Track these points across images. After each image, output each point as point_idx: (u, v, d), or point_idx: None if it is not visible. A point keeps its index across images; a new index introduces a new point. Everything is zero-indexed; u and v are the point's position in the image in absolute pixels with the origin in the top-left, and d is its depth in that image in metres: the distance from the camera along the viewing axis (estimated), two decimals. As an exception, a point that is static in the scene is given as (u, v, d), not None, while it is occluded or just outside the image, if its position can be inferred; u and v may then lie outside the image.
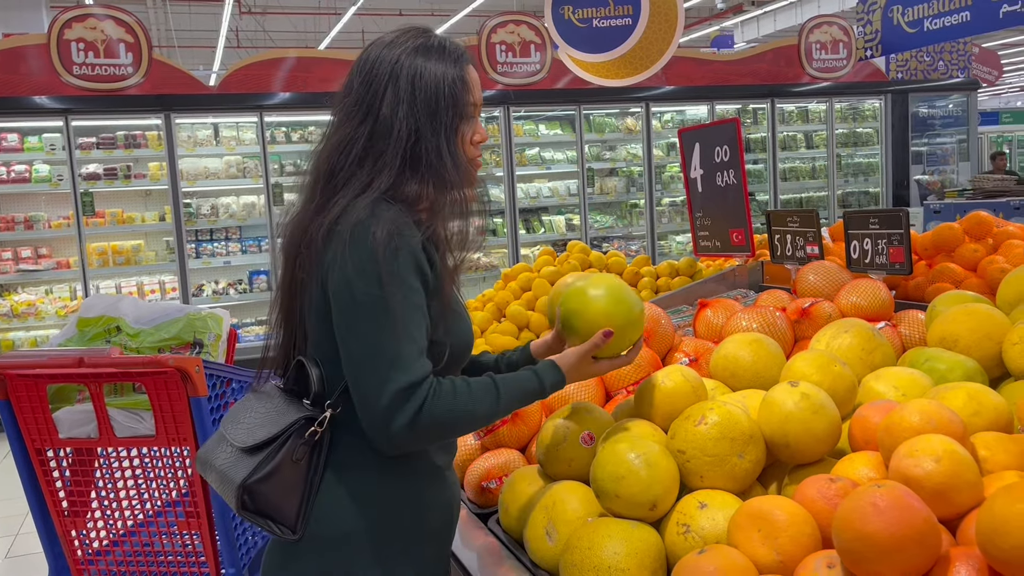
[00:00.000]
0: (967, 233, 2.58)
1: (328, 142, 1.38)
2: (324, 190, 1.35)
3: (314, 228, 1.31)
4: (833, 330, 1.73)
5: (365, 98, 1.34)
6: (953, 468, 1.08)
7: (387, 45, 1.37)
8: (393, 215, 1.28)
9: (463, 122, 1.38)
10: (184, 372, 2.36)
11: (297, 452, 1.29)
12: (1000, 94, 23.83)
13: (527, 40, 7.54)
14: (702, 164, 3.15)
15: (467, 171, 1.40)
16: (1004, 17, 6.24)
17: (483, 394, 1.31)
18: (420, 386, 1.23)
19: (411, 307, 1.26)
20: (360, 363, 1.25)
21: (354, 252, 1.25)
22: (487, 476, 1.76)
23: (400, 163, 1.32)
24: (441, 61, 1.36)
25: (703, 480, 1.35)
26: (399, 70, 1.33)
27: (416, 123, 1.32)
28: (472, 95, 1.39)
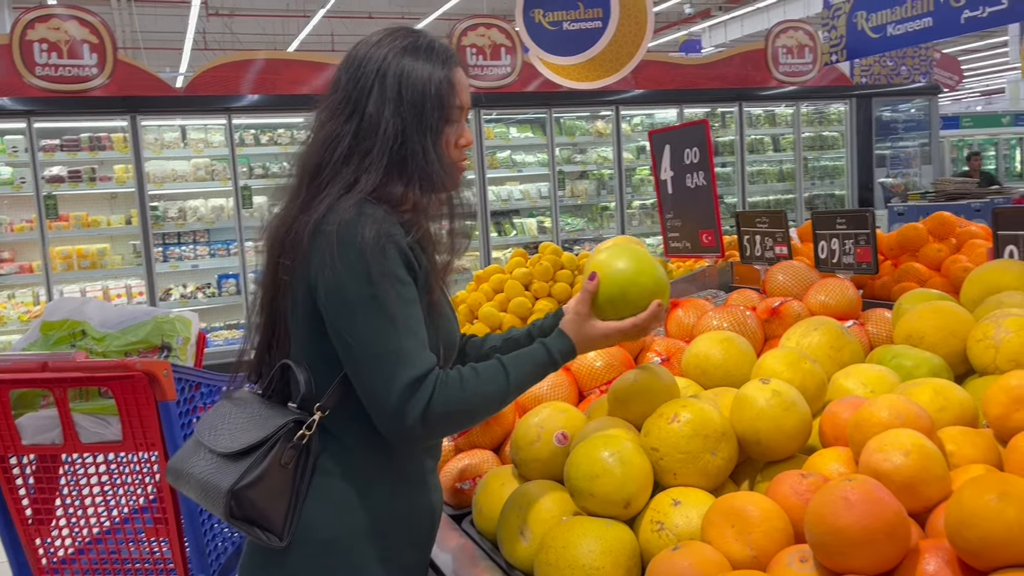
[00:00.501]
0: (931, 233, 2.63)
1: (314, 139, 1.37)
2: (309, 187, 1.34)
3: (299, 226, 1.30)
4: (803, 328, 1.75)
5: (352, 96, 1.33)
6: (922, 462, 1.09)
7: (375, 44, 1.36)
8: (380, 215, 1.27)
9: (448, 125, 1.37)
10: (152, 376, 2.33)
11: (285, 456, 1.27)
12: (961, 99, 24.33)
13: (497, 43, 7.55)
14: (672, 166, 3.17)
15: (453, 174, 1.39)
16: (965, 22, 6.37)
17: (491, 376, 1.30)
18: (427, 378, 1.23)
19: (406, 302, 1.25)
20: (364, 363, 1.24)
21: (343, 253, 1.24)
22: (461, 477, 1.75)
23: (387, 163, 1.31)
24: (429, 62, 1.35)
25: (676, 478, 1.36)
26: (386, 69, 1.33)
27: (402, 123, 1.32)
28: (459, 97, 1.38)
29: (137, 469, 2.43)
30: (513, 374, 1.32)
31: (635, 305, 1.38)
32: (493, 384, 1.30)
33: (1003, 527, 0.91)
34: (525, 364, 1.34)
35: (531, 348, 1.37)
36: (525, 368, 1.34)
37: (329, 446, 1.32)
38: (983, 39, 18.57)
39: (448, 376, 1.26)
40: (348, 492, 1.31)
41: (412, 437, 1.24)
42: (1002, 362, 1.52)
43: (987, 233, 2.59)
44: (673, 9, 15.91)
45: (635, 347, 2.11)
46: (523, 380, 1.34)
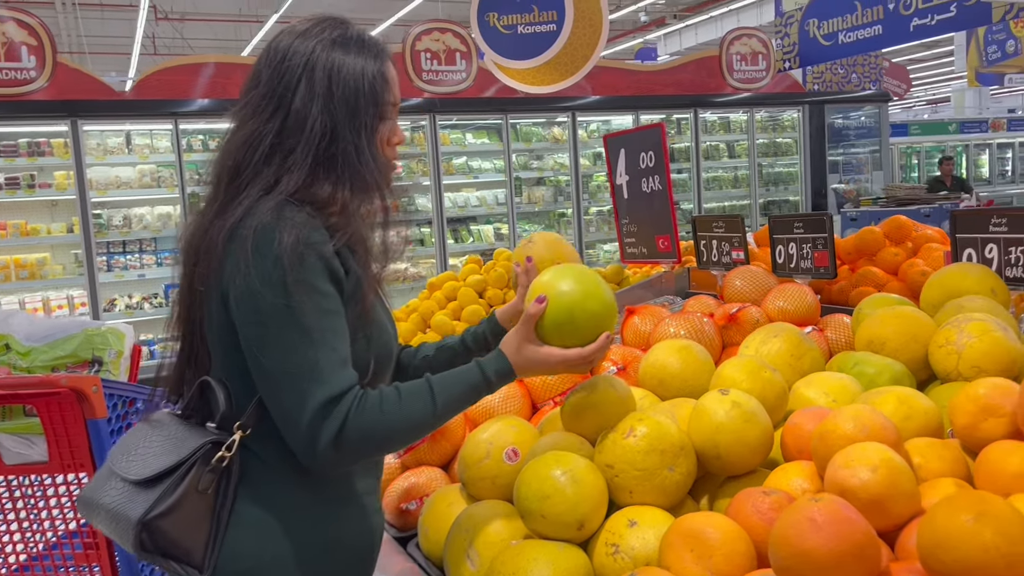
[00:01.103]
0: (888, 237, 2.61)
1: (233, 138, 1.27)
2: (227, 190, 1.24)
3: (214, 231, 1.20)
4: (762, 335, 1.69)
5: (276, 91, 1.24)
6: (890, 477, 1.03)
7: (300, 35, 1.26)
8: (302, 219, 1.18)
9: (382, 122, 1.29)
10: (80, 392, 2.19)
11: (203, 481, 1.17)
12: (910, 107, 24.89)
13: (452, 48, 7.46)
14: (627, 170, 3.11)
15: (386, 173, 1.31)
16: (914, 30, 6.46)
17: (416, 398, 1.20)
18: (343, 398, 1.13)
19: (326, 314, 1.16)
20: (275, 380, 1.14)
21: (257, 259, 1.14)
22: (406, 497, 1.65)
23: (312, 162, 1.22)
24: (360, 55, 1.27)
25: (632, 496, 1.28)
26: (315, 62, 1.23)
27: (332, 120, 1.23)
28: (392, 93, 1.31)
29: (65, 491, 2.30)
30: (441, 397, 1.22)
31: (582, 331, 1.28)
32: (418, 407, 1.20)
33: (980, 550, 0.85)
34: (456, 386, 1.24)
35: (464, 368, 1.27)
36: (456, 390, 1.24)
37: (252, 468, 1.22)
38: (929, 48, 19.03)
39: (368, 397, 1.17)
40: (274, 518, 1.21)
41: (325, 462, 1.14)
42: (964, 368, 1.48)
43: (942, 237, 2.58)
44: (628, 17, 15.99)
45: (590, 356, 2.03)
46: (453, 403, 1.24)
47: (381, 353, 1.29)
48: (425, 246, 7.80)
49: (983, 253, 1.88)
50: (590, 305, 1.28)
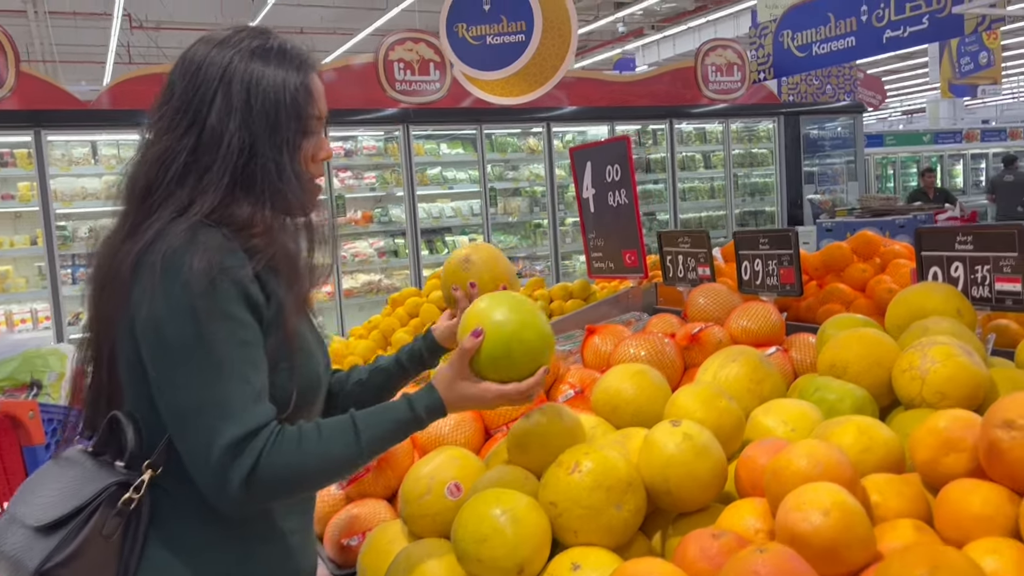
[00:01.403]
0: (855, 252, 2.56)
1: (145, 155, 1.19)
2: (138, 211, 1.16)
3: (121, 257, 1.12)
4: (721, 359, 1.62)
5: (191, 105, 1.16)
6: (843, 521, 0.96)
7: (217, 44, 1.19)
8: (216, 242, 1.10)
9: (306, 137, 1.21)
10: (14, 419, 2.09)
11: (108, 526, 1.08)
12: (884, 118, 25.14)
13: (426, 58, 7.39)
14: (594, 183, 3.05)
15: (310, 191, 1.24)
16: (887, 42, 6.48)
17: (337, 436, 1.12)
18: (256, 436, 1.05)
19: (239, 344, 1.08)
20: (183, 416, 1.06)
21: (166, 286, 1.06)
22: (348, 531, 1.57)
23: (229, 181, 1.14)
24: (282, 66, 1.19)
25: (577, 536, 1.20)
26: (232, 74, 1.16)
27: (251, 136, 1.15)
28: (316, 107, 1.23)
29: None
30: (366, 435, 1.14)
31: (518, 364, 1.21)
32: (339, 445, 1.12)
33: (935, 609, 0.78)
34: (382, 423, 1.16)
35: (392, 404, 1.19)
36: (382, 428, 1.16)
37: (164, 508, 1.13)
38: (904, 60, 19.21)
39: (285, 434, 1.08)
40: (188, 562, 1.12)
41: (235, 504, 1.05)
42: (928, 394, 1.41)
43: (910, 252, 2.53)
44: (607, 28, 16.02)
45: (548, 379, 1.95)
46: (379, 442, 1.16)
47: (307, 384, 1.21)
48: (399, 257, 7.71)
49: (949, 272, 1.83)
50: (527, 336, 1.21)
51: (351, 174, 7.51)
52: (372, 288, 7.60)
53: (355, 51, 14.96)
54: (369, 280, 7.64)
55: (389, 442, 1.17)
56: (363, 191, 7.55)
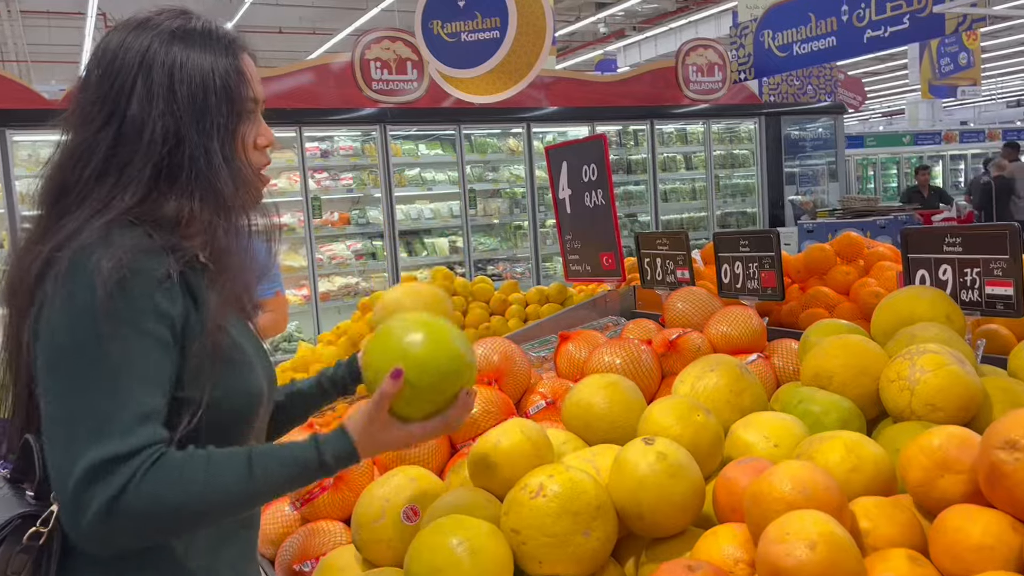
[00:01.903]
0: (838, 255, 2.48)
1: (60, 154, 1.08)
2: (52, 213, 1.05)
3: (29, 262, 1.01)
4: (698, 369, 1.53)
5: (108, 95, 1.05)
6: (831, 556, 0.87)
7: (134, 29, 1.08)
8: (132, 241, 0.98)
9: (242, 122, 1.11)
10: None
11: (14, 563, 0.96)
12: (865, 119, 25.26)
13: (403, 57, 7.27)
14: (570, 183, 2.95)
15: (250, 182, 1.12)
16: (868, 42, 6.44)
17: (228, 472, 0.97)
18: (126, 460, 0.91)
19: (137, 356, 0.95)
20: (52, 427, 0.94)
21: (68, 286, 0.95)
22: (301, 556, 1.46)
23: (152, 173, 1.03)
24: (208, 49, 1.08)
25: (542, 566, 1.11)
26: (152, 59, 1.05)
27: (176, 123, 1.04)
28: (252, 88, 1.12)
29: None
30: (262, 477, 0.98)
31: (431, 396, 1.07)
32: (227, 483, 0.97)
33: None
34: (284, 466, 1.01)
35: (298, 444, 1.04)
36: (283, 471, 1.00)
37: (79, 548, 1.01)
38: (884, 61, 19.29)
39: (164, 461, 0.93)
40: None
41: (88, 539, 0.91)
42: (918, 406, 1.33)
43: (895, 254, 2.45)
44: (588, 29, 15.96)
45: (518, 390, 1.86)
46: (276, 486, 1.01)
47: (243, 399, 1.08)
48: (377, 259, 7.58)
49: (937, 275, 1.75)
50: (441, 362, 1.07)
51: (328, 175, 7.38)
52: (349, 291, 7.47)
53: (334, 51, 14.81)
54: (346, 283, 7.51)
55: (288, 486, 1.03)
56: (340, 192, 7.42)
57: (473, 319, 2.96)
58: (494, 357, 1.83)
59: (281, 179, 6.94)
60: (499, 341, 1.90)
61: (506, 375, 1.83)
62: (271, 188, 1.18)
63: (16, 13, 12.97)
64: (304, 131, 6.90)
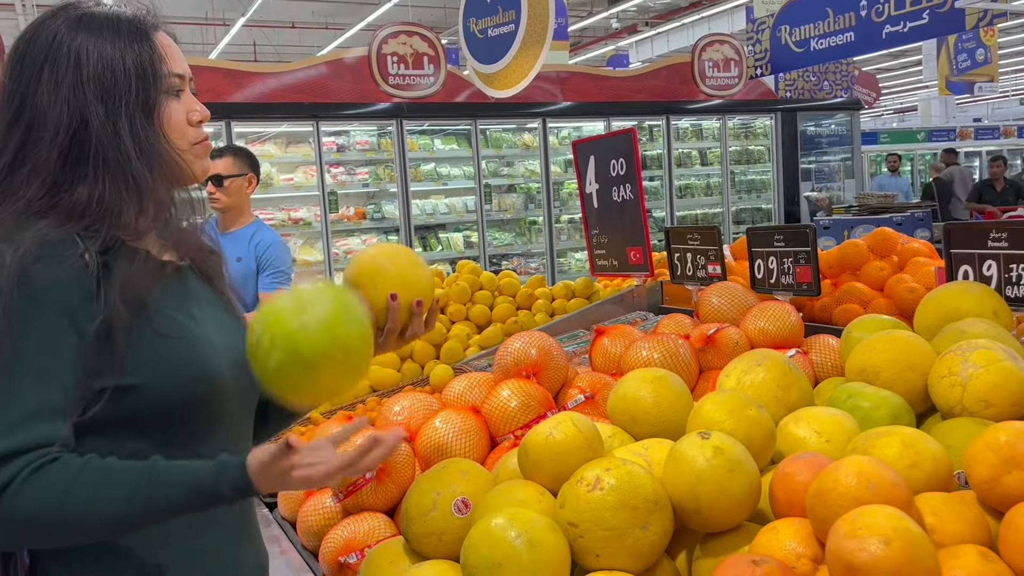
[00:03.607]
0: (872, 250, 2.46)
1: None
2: None
3: None
4: (744, 364, 1.52)
5: (16, 90, 1.04)
6: (907, 551, 0.86)
7: (40, 24, 1.07)
8: (39, 232, 0.96)
9: (164, 98, 1.08)
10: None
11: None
12: (877, 115, 25.12)
13: (420, 52, 7.26)
14: (597, 178, 2.95)
15: (170, 160, 1.08)
16: (887, 37, 6.39)
17: (118, 486, 0.92)
18: (11, 460, 0.89)
19: (35, 352, 0.93)
20: None
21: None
22: (346, 549, 1.46)
23: (57, 159, 1.01)
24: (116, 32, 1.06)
25: (600, 560, 1.10)
26: (58, 46, 1.03)
27: (81, 106, 1.02)
28: (171, 65, 1.09)
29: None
30: (154, 495, 0.93)
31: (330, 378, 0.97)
32: (116, 499, 0.92)
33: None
34: (177, 487, 0.94)
35: (197, 466, 0.96)
36: (175, 492, 0.94)
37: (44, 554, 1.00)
38: (897, 58, 19.18)
39: (53, 467, 0.90)
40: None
41: None
42: (970, 402, 1.32)
43: (930, 250, 2.44)
44: (600, 24, 15.91)
45: (556, 384, 1.85)
46: (167, 508, 0.95)
47: (187, 379, 1.02)
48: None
49: (981, 270, 1.73)
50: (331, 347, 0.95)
51: (344, 170, 7.38)
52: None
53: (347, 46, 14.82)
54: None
55: (180, 510, 0.95)
56: (356, 187, 7.42)
57: (500, 314, 2.95)
58: (531, 351, 1.83)
59: (297, 173, 6.94)
60: (536, 335, 1.89)
61: (544, 369, 1.82)
62: (287, 183, 1.15)
63: (32, 7, 13.00)
64: (320, 126, 6.90)
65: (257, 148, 6.87)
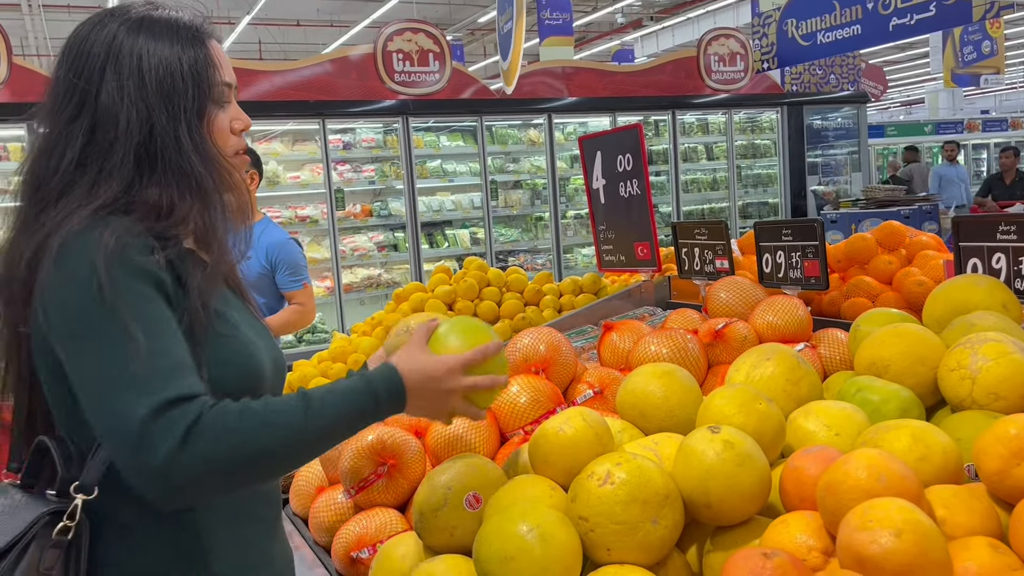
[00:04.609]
0: (880, 244, 2.46)
1: (34, 149, 1.08)
2: (31, 206, 1.05)
3: (16, 255, 1.01)
4: (753, 358, 1.52)
5: (77, 86, 1.05)
6: (918, 544, 0.86)
7: (99, 21, 1.08)
8: (125, 224, 1.00)
9: (215, 107, 1.11)
10: (3, 422, 1.99)
11: (46, 560, 0.97)
12: (884, 108, 25.03)
13: (425, 49, 7.27)
14: (604, 174, 2.95)
15: (222, 167, 1.12)
16: (894, 30, 6.37)
17: (284, 409, 0.98)
18: (188, 401, 0.92)
19: (152, 319, 0.96)
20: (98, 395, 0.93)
21: (65, 266, 0.96)
22: (358, 544, 1.46)
23: (133, 163, 1.04)
24: (174, 36, 1.08)
25: (611, 554, 1.11)
26: (119, 48, 1.05)
27: (148, 110, 1.04)
28: (222, 73, 1.12)
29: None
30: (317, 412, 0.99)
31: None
32: (283, 421, 0.96)
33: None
34: (336, 402, 1.02)
35: (346, 381, 1.06)
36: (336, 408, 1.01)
37: (106, 536, 1.02)
38: (904, 51, 19.09)
39: (224, 405, 0.95)
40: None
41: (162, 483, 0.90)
42: (980, 395, 1.32)
43: (938, 243, 2.43)
44: (605, 19, 15.88)
45: (565, 379, 1.86)
46: (333, 423, 1.01)
47: (239, 376, 1.07)
48: (399, 251, 7.60)
49: (990, 263, 1.73)
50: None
51: (350, 167, 7.39)
52: (372, 283, 7.49)
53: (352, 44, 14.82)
54: (368, 275, 7.53)
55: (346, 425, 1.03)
56: (362, 184, 7.43)
57: (508, 309, 2.96)
58: (540, 347, 1.83)
59: (304, 171, 6.96)
60: (545, 331, 1.90)
61: (553, 364, 1.83)
62: (293, 180, 1.17)
63: (37, 7, 13.05)
64: (326, 123, 6.92)
65: (263, 146, 6.89)
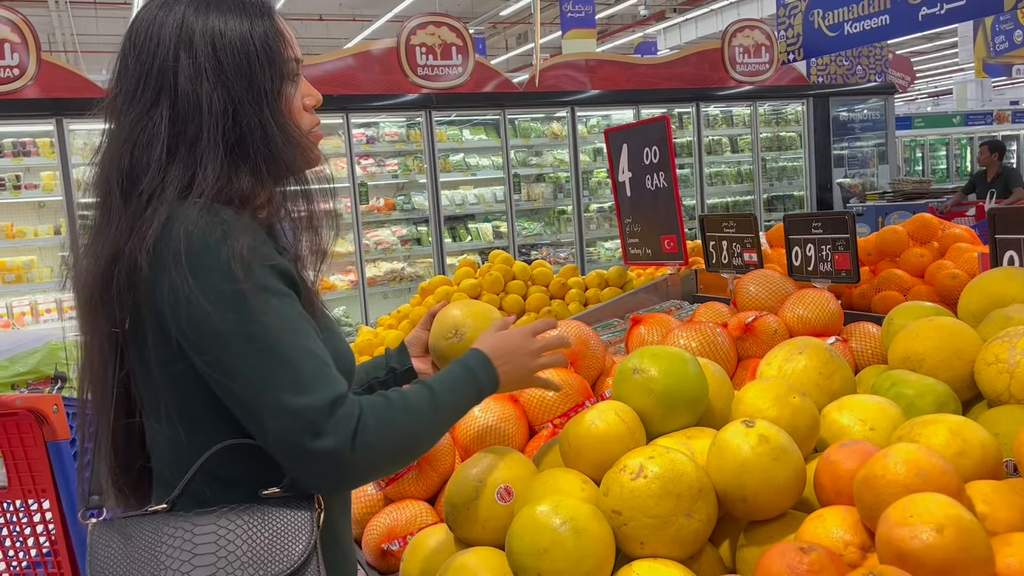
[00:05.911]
0: (911, 236, 2.43)
1: (111, 146, 1.05)
2: (127, 201, 1.01)
3: (130, 254, 0.98)
4: (785, 351, 1.51)
5: (151, 72, 1.02)
6: (960, 540, 0.85)
7: (161, 6, 1.05)
8: (243, 222, 0.99)
9: (287, 83, 1.08)
10: (39, 413, 2.03)
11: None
12: (911, 100, 24.69)
13: (448, 42, 7.27)
14: (630, 166, 2.93)
15: (304, 146, 1.10)
16: (923, 20, 6.27)
17: (416, 397, 1.06)
18: (346, 397, 0.97)
19: (294, 319, 0.98)
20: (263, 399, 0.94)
21: (199, 273, 0.94)
22: (389, 536, 1.47)
23: (224, 150, 1.01)
24: (241, 14, 1.05)
25: (643, 547, 1.10)
26: (191, 31, 1.02)
27: (229, 94, 1.02)
28: (292, 49, 1.10)
29: (27, 518, 2.14)
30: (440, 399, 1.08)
31: None
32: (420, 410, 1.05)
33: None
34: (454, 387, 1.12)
35: (445, 371, 1.15)
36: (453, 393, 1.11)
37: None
38: (931, 41, 18.80)
39: (368, 398, 1.01)
40: None
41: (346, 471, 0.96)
42: (1018, 389, 1.30)
43: (971, 235, 2.40)
44: (628, 11, 15.79)
45: (593, 372, 1.85)
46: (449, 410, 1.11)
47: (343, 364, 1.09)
48: (422, 245, 7.61)
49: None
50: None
51: (373, 161, 7.42)
52: (395, 276, 7.52)
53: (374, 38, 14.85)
54: (392, 268, 7.56)
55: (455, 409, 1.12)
56: (385, 178, 7.46)
57: (533, 303, 2.96)
58: (569, 340, 1.83)
59: (328, 165, 6.97)
60: (573, 324, 1.90)
61: (582, 358, 1.82)
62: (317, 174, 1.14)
63: (64, 3, 13.19)
64: (350, 117, 6.94)
65: (288, 141, 6.91)
